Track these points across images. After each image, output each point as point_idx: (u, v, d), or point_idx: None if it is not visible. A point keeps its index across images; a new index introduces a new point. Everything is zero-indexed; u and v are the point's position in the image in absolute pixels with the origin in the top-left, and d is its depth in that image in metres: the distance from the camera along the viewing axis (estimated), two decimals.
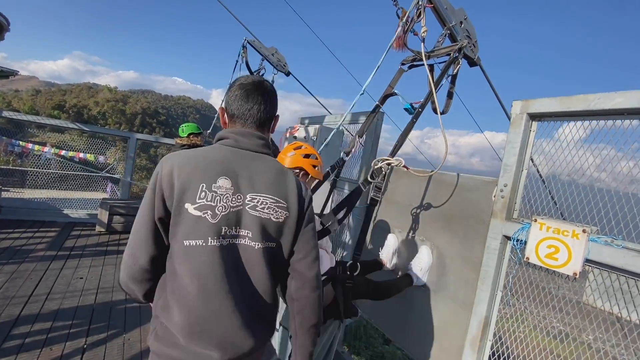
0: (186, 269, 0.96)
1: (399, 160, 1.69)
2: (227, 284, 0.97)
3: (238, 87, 1.12)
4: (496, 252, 1.76)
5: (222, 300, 0.96)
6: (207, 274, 0.96)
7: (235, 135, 1.08)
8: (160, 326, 1.00)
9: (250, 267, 1.02)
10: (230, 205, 0.99)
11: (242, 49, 4.09)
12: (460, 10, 2.19)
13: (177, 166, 0.98)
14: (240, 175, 1.02)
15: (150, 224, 0.99)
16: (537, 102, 1.66)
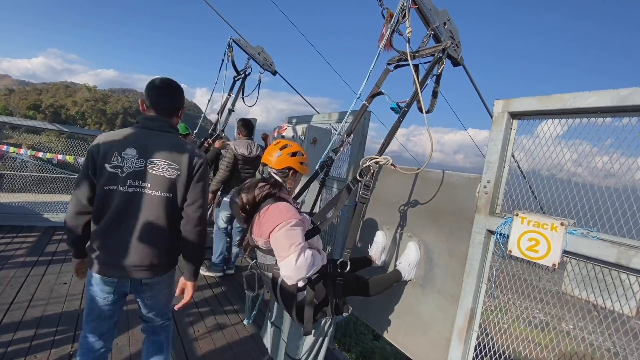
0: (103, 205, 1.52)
1: (386, 159, 1.72)
2: (129, 217, 1.52)
3: (152, 84, 1.61)
4: (480, 246, 1.83)
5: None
6: (116, 210, 1.51)
7: (144, 120, 1.59)
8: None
9: (149, 208, 1.52)
10: (134, 166, 1.50)
11: (228, 48, 4.05)
12: (444, 12, 2.25)
13: (101, 140, 1.53)
14: (144, 146, 1.52)
15: (87, 177, 1.51)
16: (517, 101, 1.73)
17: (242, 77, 4.25)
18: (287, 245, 1.43)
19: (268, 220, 1.49)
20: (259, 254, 1.64)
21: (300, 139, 3.33)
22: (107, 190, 1.49)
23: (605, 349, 1.47)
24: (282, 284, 1.59)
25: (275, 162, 1.66)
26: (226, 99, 4.32)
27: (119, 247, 1.52)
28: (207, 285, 3.65)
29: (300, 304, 1.62)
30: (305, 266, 1.44)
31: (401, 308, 2.32)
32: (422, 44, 2.21)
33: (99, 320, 1.62)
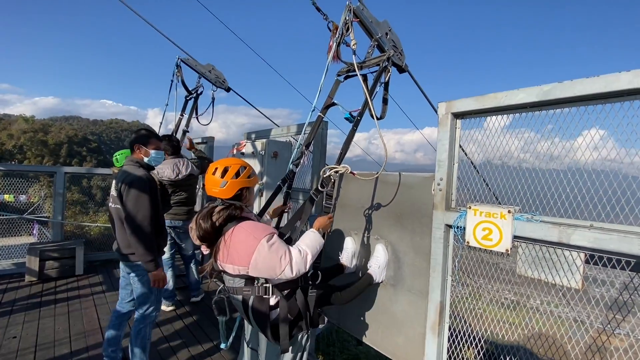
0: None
1: (345, 167, 1.77)
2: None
3: None
4: (441, 241, 1.93)
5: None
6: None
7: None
8: None
9: (116, 217, 2.32)
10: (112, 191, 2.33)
11: (177, 68, 3.95)
12: (384, 23, 2.38)
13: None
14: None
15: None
16: (458, 103, 1.86)
17: (194, 96, 4.15)
18: (277, 260, 1.45)
19: (240, 246, 1.45)
20: (227, 277, 1.59)
21: (261, 153, 3.31)
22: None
23: (572, 320, 1.59)
24: (253, 305, 1.56)
25: (224, 192, 1.56)
26: (179, 119, 4.19)
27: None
28: (177, 317, 3.46)
29: (274, 322, 1.59)
30: (304, 261, 1.53)
31: (376, 310, 2.36)
32: (367, 55, 2.31)
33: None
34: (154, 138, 2.42)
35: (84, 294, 3.88)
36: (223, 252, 1.49)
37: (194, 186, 3.62)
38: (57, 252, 4.28)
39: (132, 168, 2.29)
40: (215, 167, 1.60)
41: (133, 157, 2.36)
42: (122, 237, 2.29)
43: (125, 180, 2.20)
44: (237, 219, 1.53)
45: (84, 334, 3.01)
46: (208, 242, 1.54)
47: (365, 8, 2.26)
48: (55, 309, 3.46)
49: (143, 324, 2.36)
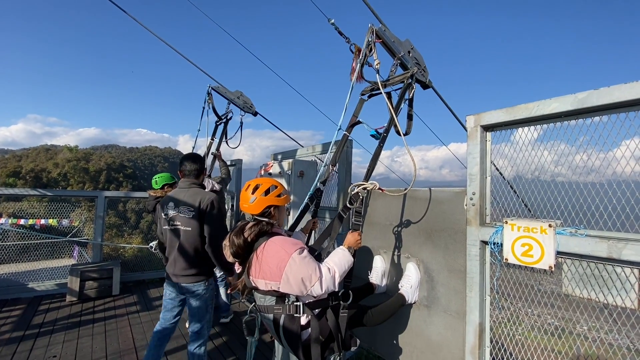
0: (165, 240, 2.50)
1: (373, 184, 1.76)
2: (173, 247, 2.43)
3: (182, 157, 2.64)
4: (477, 258, 1.84)
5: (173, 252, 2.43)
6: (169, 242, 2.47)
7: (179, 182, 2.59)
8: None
9: (181, 237, 2.40)
10: (172, 212, 2.43)
11: (207, 96, 4.18)
12: (406, 42, 2.42)
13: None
14: (177, 199, 2.43)
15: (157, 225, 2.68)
16: (487, 115, 1.83)
17: (224, 121, 4.35)
18: (307, 274, 1.46)
19: (271, 261, 1.47)
20: (258, 296, 1.60)
21: (288, 173, 3.37)
22: (163, 229, 2.52)
23: (625, 348, 1.44)
24: (284, 324, 1.55)
25: (252, 208, 1.64)
26: (210, 143, 4.38)
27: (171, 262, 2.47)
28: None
29: (305, 343, 1.56)
30: (333, 278, 1.53)
31: (410, 333, 2.26)
32: (391, 73, 2.34)
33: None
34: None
35: (120, 313, 4.01)
36: (255, 267, 1.51)
37: (222, 202, 3.74)
38: (96, 273, 4.49)
39: (206, 192, 2.48)
40: (248, 185, 1.70)
41: (197, 182, 2.55)
42: (185, 258, 2.38)
43: (207, 202, 2.38)
44: (268, 234, 1.56)
45: (119, 353, 3.09)
46: (240, 259, 1.57)
47: (387, 29, 2.32)
48: (93, 329, 3.59)
49: (199, 342, 2.46)
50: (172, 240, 2.43)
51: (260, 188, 1.66)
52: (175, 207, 2.40)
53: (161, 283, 5.24)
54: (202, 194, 2.43)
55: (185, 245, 2.39)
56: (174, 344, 3.29)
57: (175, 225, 2.40)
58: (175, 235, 2.41)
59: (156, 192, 4.11)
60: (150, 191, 4.20)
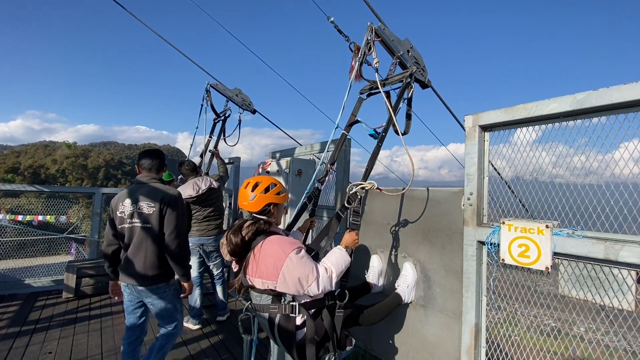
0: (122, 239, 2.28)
1: (371, 184, 1.75)
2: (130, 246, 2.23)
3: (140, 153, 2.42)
4: (474, 258, 1.84)
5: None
6: (125, 241, 2.25)
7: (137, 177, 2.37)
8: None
9: (139, 236, 2.20)
10: (130, 209, 2.22)
11: (206, 93, 4.17)
12: (406, 41, 2.40)
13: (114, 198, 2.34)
14: (136, 194, 2.24)
15: (110, 222, 2.30)
16: (486, 115, 1.82)
17: (222, 119, 4.34)
18: (304, 274, 1.45)
19: (268, 260, 1.46)
20: (254, 294, 1.59)
21: (285, 172, 3.36)
22: (121, 228, 2.25)
23: (622, 350, 1.43)
24: (279, 323, 1.54)
25: (252, 205, 1.64)
26: (208, 141, 4.37)
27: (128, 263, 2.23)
28: (203, 335, 3.47)
29: (300, 343, 1.56)
30: (330, 278, 1.53)
31: (406, 332, 2.26)
32: (390, 72, 2.33)
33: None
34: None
35: (115, 310, 4.00)
36: (252, 266, 1.50)
37: (220, 199, 3.73)
38: (93, 270, 4.47)
39: (167, 187, 2.31)
40: (247, 182, 1.69)
41: (158, 177, 2.38)
42: (143, 259, 2.19)
43: (170, 198, 2.21)
44: (266, 233, 1.55)
45: (114, 350, 3.08)
46: (238, 257, 1.57)
47: (387, 27, 2.31)
48: (89, 325, 3.58)
49: (167, 340, 2.35)
50: (128, 239, 2.22)
51: (260, 186, 1.66)
52: (134, 203, 2.21)
53: None
54: (165, 189, 2.27)
55: (144, 244, 2.19)
56: None
57: (133, 223, 2.21)
58: (132, 233, 2.21)
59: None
60: None
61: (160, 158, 2.41)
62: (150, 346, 2.37)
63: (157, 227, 2.18)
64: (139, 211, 2.20)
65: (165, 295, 2.25)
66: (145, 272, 2.19)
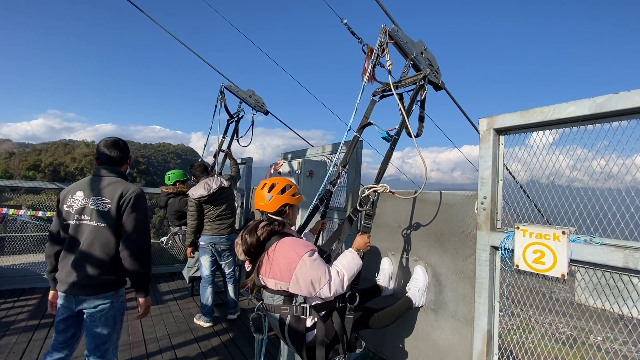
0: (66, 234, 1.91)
1: (384, 187, 1.75)
2: (75, 247, 1.86)
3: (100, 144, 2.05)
4: (487, 263, 1.81)
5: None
6: (69, 240, 1.89)
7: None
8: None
9: (89, 235, 1.85)
10: (80, 204, 1.89)
11: (220, 95, 4.23)
12: (419, 43, 2.39)
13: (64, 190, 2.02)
14: (90, 188, 1.92)
15: (57, 216, 1.96)
16: (501, 118, 1.79)
17: (236, 120, 4.39)
18: (316, 277, 1.46)
19: (282, 261, 1.48)
20: (266, 294, 1.61)
21: (297, 173, 3.38)
22: (65, 224, 1.91)
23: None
24: (289, 324, 1.55)
25: (268, 205, 1.66)
26: (221, 141, 4.43)
27: (67, 267, 1.87)
28: (214, 333, 3.52)
29: (310, 344, 1.57)
30: (342, 281, 1.53)
31: (416, 336, 2.24)
32: (403, 74, 2.32)
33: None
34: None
35: (130, 306, 4.07)
36: (266, 266, 1.52)
37: (231, 198, 3.78)
38: None
39: (128, 183, 1.98)
40: (264, 183, 1.71)
41: (119, 170, 2.03)
42: (91, 263, 1.84)
43: (131, 195, 1.88)
44: (280, 234, 1.57)
45: (129, 344, 3.16)
46: (252, 257, 1.59)
47: (400, 29, 2.30)
48: None
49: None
50: (71, 239, 1.87)
51: (276, 187, 1.68)
52: (86, 197, 1.88)
53: (171, 278, 5.33)
54: (125, 185, 1.93)
55: (94, 245, 1.84)
56: (182, 338, 3.34)
57: (81, 220, 1.86)
58: (78, 232, 1.87)
59: (168, 188, 4.19)
60: (163, 187, 4.28)
61: (122, 149, 2.05)
62: None
63: (112, 227, 1.85)
64: (92, 207, 1.86)
65: (109, 309, 1.87)
66: (91, 279, 1.83)
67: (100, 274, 1.84)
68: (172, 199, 4.14)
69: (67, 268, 1.84)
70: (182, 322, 3.71)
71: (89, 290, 1.83)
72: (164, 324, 3.62)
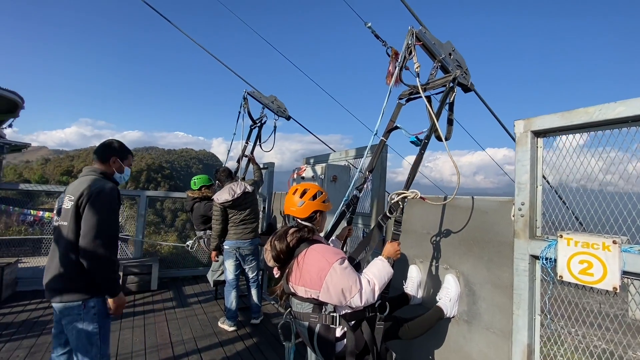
0: None
1: (414, 192, 1.70)
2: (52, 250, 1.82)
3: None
4: (526, 274, 1.71)
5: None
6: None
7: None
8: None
9: (56, 236, 1.79)
10: (58, 205, 1.82)
11: (243, 101, 4.29)
12: (447, 44, 2.32)
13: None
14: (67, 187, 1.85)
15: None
16: (539, 120, 1.70)
17: (259, 125, 4.44)
18: (347, 285, 1.43)
19: (312, 269, 1.46)
20: (295, 301, 1.59)
21: (321, 178, 3.36)
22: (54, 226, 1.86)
23: None
24: (319, 333, 1.52)
25: (300, 211, 1.65)
26: (244, 147, 4.49)
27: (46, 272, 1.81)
28: (238, 337, 3.54)
29: (340, 355, 1.53)
30: (373, 291, 1.50)
31: (447, 348, 2.15)
32: (430, 76, 2.26)
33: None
34: (130, 155, 2.05)
35: (157, 308, 4.19)
36: (296, 273, 1.50)
37: (255, 203, 3.81)
38: (137, 268, 4.73)
39: (97, 180, 1.81)
40: (295, 189, 1.71)
41: (100, 169, 1.89)
42: (58, 266, 1.73)
43: (91, 192, 1.72)
44: (309, 241, 1.54)
45: (157, 347, 3.22)
46: (281, 263, 1.57)
47: (428, 31, 2.25)
48: (134, 321, 3.78)
49: None
50: (54, 240, 1.81)
51: (308, 192, 1.67)
52: (62, 197, 1.81)
53: (195, 281, 5.43)
54: (93, 181, 1.77)
55: (58, 245, 1.75)
56: (207, 341, 3.38)
57: (58, 221, 1.78)
58: (56, 233, 1.79)
59: (194, 192, 4.27)
60: (189, 192, 4.37)
61: (105, 147, 1.94)
62: None
63: (72, 226, 1.72)
64: (60, 206, 1.79)
65: (76, 320, 1.72)
66: (56, 284, 1.72)
67: (63, 277, 1.72)
68: (198, 203, 4.22)
69: (44, 273, 1.79)
70: (207, 325, 3.75)
71: (53, 294, 1.73)
72: (190, 327, 3.67)
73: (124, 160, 1.98)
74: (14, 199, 6.82)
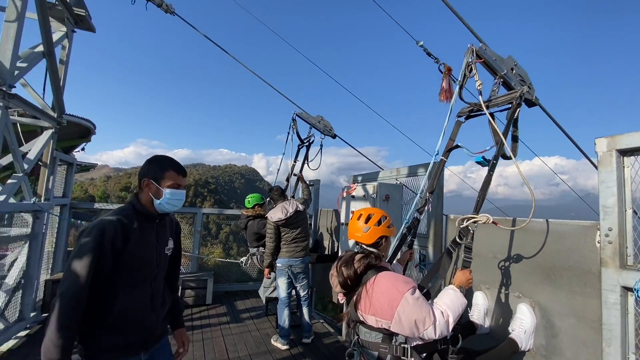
0: None
1: (486, 217, 1.62)
2: None
3: None
4: (617, 307, 1.55)
5: None
6: None
7: None
8: None
9: None
10: None
11: (292, 122, 4.45)
12: (509, 59, 2.24)
13: None
14: None
15: None
16: (627, 137, 1.56)
17: (307, 145, 4.56)
18: (421, 317, 1.39)
19: (382, 298, 1.43)
20: (362, 330, 1.57)
21: (372, 197, 3.34)
22: None
23: None
24: None
25: (366, 237, 1.63)
26: (293, 165, 4.62)
27: None
28: (291, 356, 3.55)
29: None
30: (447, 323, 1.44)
31: None
32: (492, 93, 2.18)
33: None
34: (172, 170, 1.52)
35: (213, 322, 4.36)
36: (365, 301, 1.48)
37: (305, 221, 3.87)
38: (194, 282, 4.98)
39: (106, 215, 1.40)
40: (360, 214, 1.69)
41: (135, 199, 1.52)
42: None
43: (80, 233, 1.37)
44: (376, 268, 1.53)
45: None
46: (348, 290, 1.57)
47: (488, 47, 2.19)
48: (192, 336, 3.95)
49: None
50: None
51: (373, 217, 1.65)
52: None
53: (246, 296, 5.58)
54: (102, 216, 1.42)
55: None
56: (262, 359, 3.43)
57: None
58: None
59: (248, 210, 4.45)
60: (243, 210, 4.56)
61: (146, 164, 1.54)
62: None
63: None
64: None
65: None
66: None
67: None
68: (252, 221, 4.38)
69: None
70: (261, 342, 3.82)
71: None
72: (244, 344, 3.76)
73: (160, 181, 1.47)
74: (82, 214, 7.56)
